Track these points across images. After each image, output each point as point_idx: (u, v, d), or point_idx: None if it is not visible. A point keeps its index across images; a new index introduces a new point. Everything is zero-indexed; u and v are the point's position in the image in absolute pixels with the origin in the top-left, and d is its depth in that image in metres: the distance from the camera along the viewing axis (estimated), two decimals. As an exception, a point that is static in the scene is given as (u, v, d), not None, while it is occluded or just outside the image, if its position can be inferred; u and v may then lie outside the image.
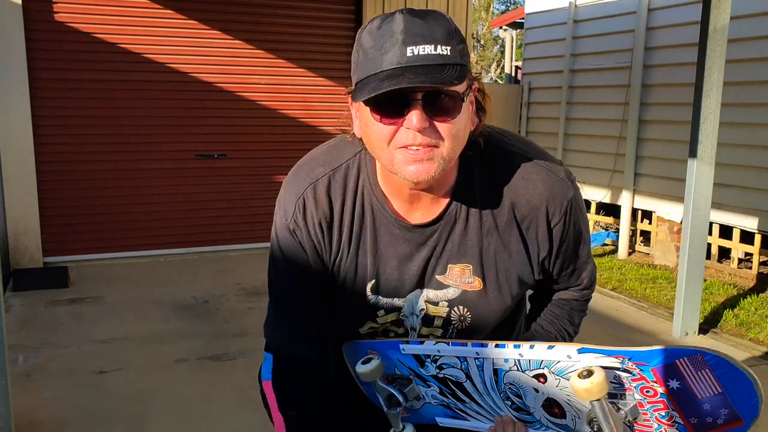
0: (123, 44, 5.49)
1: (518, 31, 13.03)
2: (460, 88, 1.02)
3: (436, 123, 1.01)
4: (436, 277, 1.19)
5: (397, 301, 1.20)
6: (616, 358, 1.00)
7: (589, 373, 0.99)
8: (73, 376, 3.45)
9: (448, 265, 1.18)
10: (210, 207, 5.97)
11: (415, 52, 0.98)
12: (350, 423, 1.47)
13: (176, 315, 4.42)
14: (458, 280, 1.18)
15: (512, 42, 13.27)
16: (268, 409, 1.29)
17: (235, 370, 3.54)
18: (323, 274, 1.22)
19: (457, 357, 1.13)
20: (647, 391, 1.00)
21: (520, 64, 10.61)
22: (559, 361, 1.04)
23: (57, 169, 5.40)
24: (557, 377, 1.05)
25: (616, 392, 1.02)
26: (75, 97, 5.40)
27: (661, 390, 0.98)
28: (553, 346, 1.04)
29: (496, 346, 1.08)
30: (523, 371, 1.08)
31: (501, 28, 13.92)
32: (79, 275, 5.19)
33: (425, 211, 1.16)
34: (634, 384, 1.00)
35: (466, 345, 1.11)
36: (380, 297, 1.20)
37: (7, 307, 4.38)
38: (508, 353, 1.07)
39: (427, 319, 1.22)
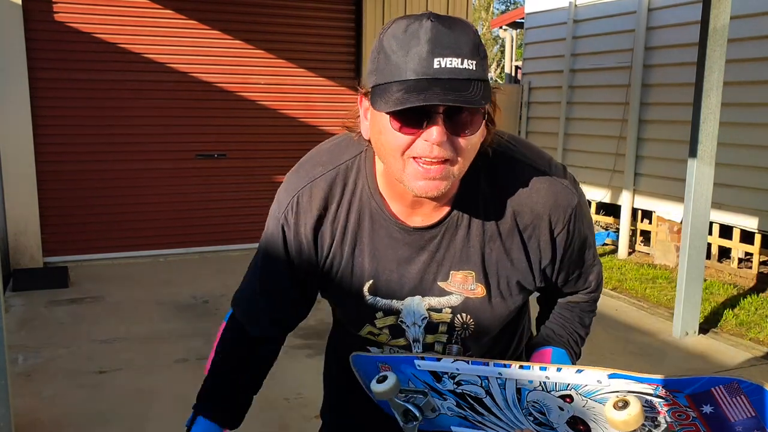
0: (123, 44, 5.49)
1: (518, 31, 13.04)
2: None
3: (454, 137, 1.00)
4: (438, 283, 1.18)
5: (395, 303, 1.20)
6: (649, 385, 0.98)
7: (625, 403, 0.97)
8: (73, 376, 3.45)
9: (451, 272, 1.17)
10: (210, 207, 5.97)
11: (442, 65, 0.96)
12: (352, 425, 1.47)
13: (176, 315, 4.42)
14: (461, 287, 1.17)
15: (512, 42, 13.27)
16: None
17: (235, 370, 3.53)
18: (304, 272, 1.23)
19: (478, 375, 1.12)
20: (679, 415, 0.99)
21: (520, 64, 10.61)
22: (587, 385, 1.02)
23: (57, 169, 5.40)
24: (584, 398, 1.04)
25: (647, 415, 1.01)
26: (75, 97, 5.40)
27: (693, 414, 0.97)
28: (582, 371, 1.01)
29: (521, 367, 1.06)
30: (548, 392, 1.06)
31: (501, 28, 13.93)
32: (79, 275, 5.19)
33: (425, 216, 1.15)
34: (665, 408, 0.99)
35: (487, 365, 1.08)
36: (378, 298, 1.20)
37: (7, 307, 4.38)
38: (534, 375, 1.05)
39: (431, 327, 1.21)
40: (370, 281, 1.19)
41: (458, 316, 1.19)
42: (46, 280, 4.98)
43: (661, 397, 0.98)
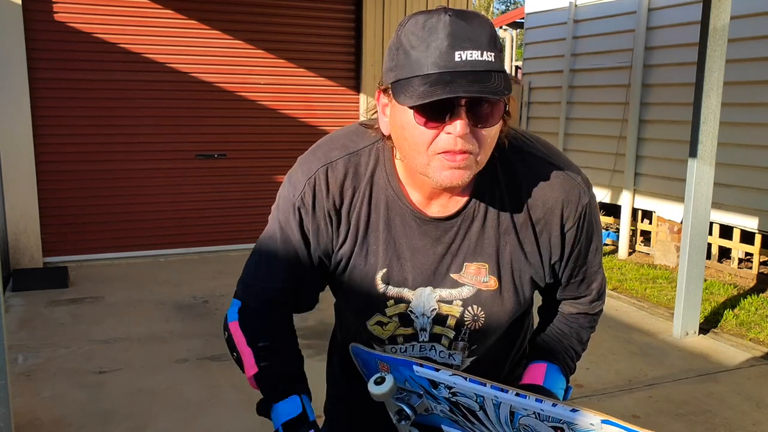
0: (123, 44, 5.49)
1: (518, 31, 13.04)
2: None
3: (476, 129, 1.01)
4: (451, 275, 1.18)
5: (406, 293, 1.20)
6: None
7: None
8: (73, 376, 3.45)
9: (464, 264, 1.18)
10: (210, 207, 5.97)
11: (463, 58, 0.96)
12: (353, 422, 1.47)
13: (176, 315, 4.42)
14: (474, 278, 1.18)
15: (512, 42, 13.27)
16: (235, 350, 1.28)
17: (235, 370, 3.50)
18: (315, 256, 1.21)
19: (474, 392, 1.12)
20: None
21: (520, 64, 10.61)
22: (579, 424, 1.03)
23: (57, 169, 5.40)
24: None
25: None
26: (75, 97, 5.40)
27: None
28: (578, 410, 1.02)
29: (517, 394, 1.06)
30: (541, 421, 1.07)
31: (501, 28, 13.92)
32: (79, 275, 5.19)
33: (442, 207, 1.15)
34: None
35: (485, 385, 1.08)
36: (390, 286, 1.19)
37: (7, 307, 4.38)
38: (529, 404, 1.06)
39: (439, 319, 1.21)
40: (384, 269, 1.18)
41: (469, 308, 1.19)
42: (46, 280, 4.98)
43: None
